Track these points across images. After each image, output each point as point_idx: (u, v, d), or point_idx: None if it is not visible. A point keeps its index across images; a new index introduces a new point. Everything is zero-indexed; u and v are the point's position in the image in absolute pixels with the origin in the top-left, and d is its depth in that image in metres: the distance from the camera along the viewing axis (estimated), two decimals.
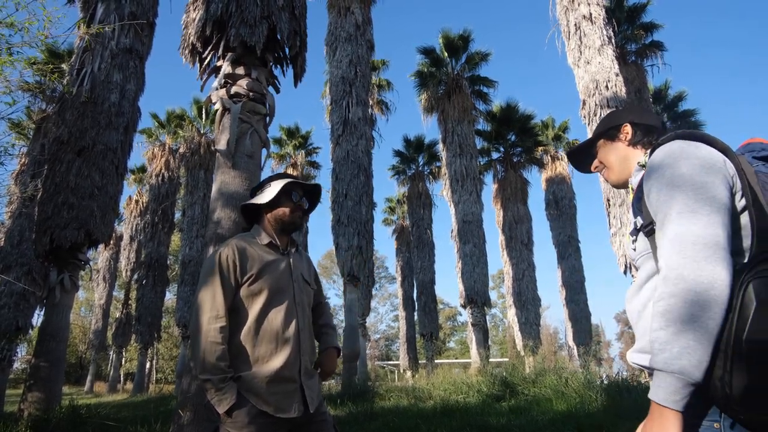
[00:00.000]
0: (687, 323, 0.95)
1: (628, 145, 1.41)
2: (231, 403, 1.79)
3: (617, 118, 1.46)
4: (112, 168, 8.03)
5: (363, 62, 13.64)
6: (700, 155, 1.10)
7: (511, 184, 19.88)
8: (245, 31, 4.66)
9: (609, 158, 1.45)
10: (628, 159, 1.41)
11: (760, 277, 0.96)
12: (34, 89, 10.39)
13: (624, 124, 1.42)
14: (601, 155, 1.49)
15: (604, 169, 1.49)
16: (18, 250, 11.55)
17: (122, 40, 8.40)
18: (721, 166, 1.09)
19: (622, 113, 1.47)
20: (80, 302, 36.67)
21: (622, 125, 1.42)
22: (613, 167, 1.44)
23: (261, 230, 2.10)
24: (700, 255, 0.98)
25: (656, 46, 16.29)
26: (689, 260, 0.98)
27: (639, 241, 1.24)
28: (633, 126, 1.41)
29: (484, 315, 15.81)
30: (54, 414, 5.73)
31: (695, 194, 1.04)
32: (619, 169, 1.43)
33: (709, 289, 0.95)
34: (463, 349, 39.53)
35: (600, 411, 5.96)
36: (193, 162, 18.83)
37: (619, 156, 1.42)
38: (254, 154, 4.53)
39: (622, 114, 1.47)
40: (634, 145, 1.40)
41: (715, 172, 1.07)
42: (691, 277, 0.96)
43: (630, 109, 1.49)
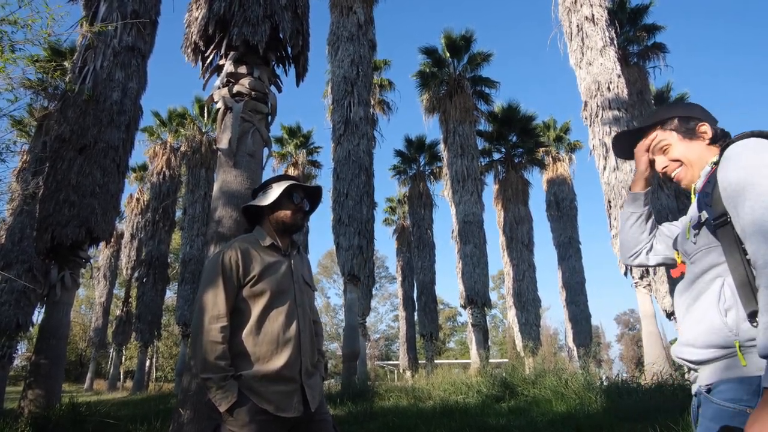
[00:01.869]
0: None
1: (708, 144, 1.38)
2: (232, 402, 1.80)
3: (686, 111, 1.43)
4: (114, 166, 8.04)
5: (365, 62, 13.64)
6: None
7: (512, 184, 19.88)
8: (248, 30, 4.66)
9: (691, 157, 1.39)
10: (705, 159, 1.37)
11: None
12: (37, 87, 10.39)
13: (702, 122, 1.40)
14: (677, 153, 1.42)
15: (681, 168, 1.42)
16: (19, 247, 11.57)
17: (124, 38, 8.41)
18: None
19: (693, 110, 1.44)
20: (81, 300, 36.72)
21: (698, 124, 1.40)
22: (694, 166, 1.39)
23: (263, 232, 2.12)
24: None
25: (658, 48, 16.28)
26: None
27: (702, 235, 1.24)
28: (710, 125, 1.39)
29: (484, 315, 15.81)
30: (54, 412, 5.74)
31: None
32: (698, 168, 1.38)
33: None
34: (463, 350, 39.54)
35: (599, 412, 5.95)
36: (195, 160, 18.85)
37: (701, 155, 1.38)
38: (256, 153, 4.54)
39: (694, 111, 1.43)
40: (713, 144, 1.38)
41: None
42: None
43: (695, 109, 1.45)
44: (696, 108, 1.45)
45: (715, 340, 1.16)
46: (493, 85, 18.89)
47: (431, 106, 18.33)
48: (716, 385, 1.17)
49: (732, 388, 1.12)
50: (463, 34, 18.15)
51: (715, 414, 1.14)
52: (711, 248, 1.21)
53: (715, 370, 1.17)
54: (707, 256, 1.22)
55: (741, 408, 1.09)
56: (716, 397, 1.14)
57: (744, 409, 1.08)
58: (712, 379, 1.18)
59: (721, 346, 1.15)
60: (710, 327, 1.17)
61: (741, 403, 1.09)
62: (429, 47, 18.54)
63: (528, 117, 20.05)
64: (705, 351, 1.18)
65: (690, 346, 1.21)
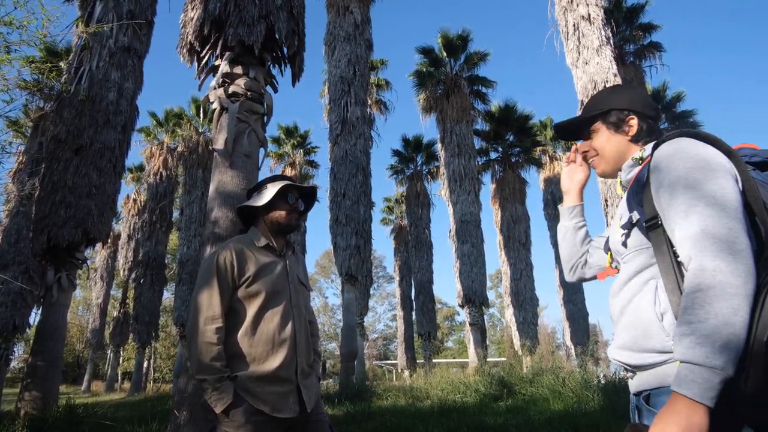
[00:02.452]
0: (729, 317, 0.93)
1: (630, 140, 1.36)
2: (228, 403, 1.81)
3: (622, 102, 1.37)
4: (110, 167, 8.02)
5: (362, 62, 13.63)
6: (710, 155, 1.10)
7: (509, 184, 19.90)
8: (243, 31, 4.66)
9: (606, 149, 1.39)
10: (624, 154, 1.36)
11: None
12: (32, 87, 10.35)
13: (631, 116, 1.35)
14: (597, 143, 1.42)
15: (596, 157, 1.43)
16: (15, 248, 11.54)
17: (120, 38, 8.39)
18: (729, 166, 1.09)
19: (629, 97, 1.39)
20: (78, 301, 36.61)
21: (629, 117, 1.36)
22: (608, 160, 1.40)
23: (258, 232, 2.12)
24: (729, 253, 0.97)
25: (654, 47, 16.33)
26: (721, 258, 0.97)
27: (633, 236, 1.22)
28: (639, 121, 1.35)
29: (481, 315, 15.83)
30: (51, 413, 5.72)
31: (712, 196, 1.04)
32: (614, 162, 1.38)
33: (744, 283, 0.95)
34: (461, 349, 39.57)
35: (597, 411, 5.97)
36: (191, 161, 18.81)
37: (619, 150, 1.37)
38: (252, 153, 4.53)
39: (629, 99, 1.38)
40: (636, 141, 1.35)
41: (725, 173, 1.07)
42: (727, 270, 0.96)
43: (635, 95, 1.40)
44: (636, 97, 1.39)
45: (652, 345, 1.13)
46: (489, 85, 18.92)
47: (428, 106, 18.33)
48: (656, 393, 1.13)
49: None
50: (459, 34, 18.18)
51: None
52: (642, 249, 1.19)
53: (654, 376, 1.14)
54: (639, 257, 1.20)
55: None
56: (658, 409, 1.06)
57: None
58: (652, 384, 1.14)
59: (658, 350, 1.12)
60: (647, 331, 1.14)
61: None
62: (426, 47, 18.56)
63: (525, 116, 20.07)
64: (643, 355, 1.15)
65: (628, 350, 1.18)
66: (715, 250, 0.98)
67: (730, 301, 0.93)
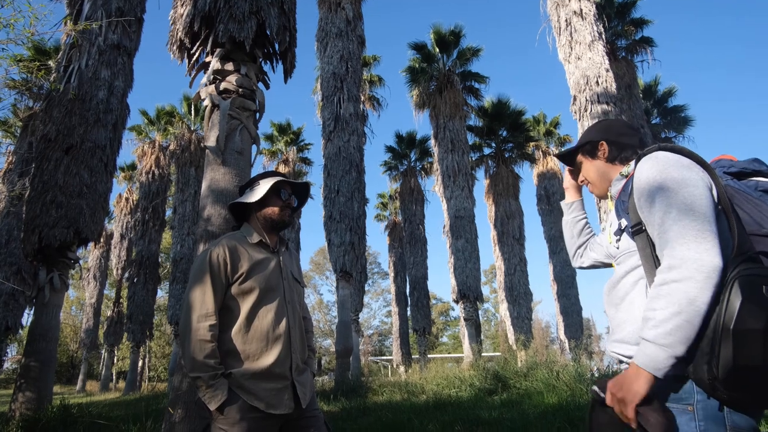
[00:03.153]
0: (686, 307, 1.10)
1: (606, 162, 1.54)
2: (222, 400, 1.81)
3: (595, 134, 1.58)
4: (101, 166, 7.95)
5: (354, 58, 13.59)
6: (684, 163, 1.23)
7: (503, 179, 19.96)
8: (234, 27, 4.62)
9: (590, 175, 1.60)
10: (607, 174, 1.55)
11: (742, 276, 1.10)
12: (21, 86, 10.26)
13: (601, 142, 1.54)
14: (583, 172, 1.63)
15: (588, 184, 1.64)
16: (6, 249, 11.45)
17: (110, 36, 8.31)
18: (701, 176, 1.21)
19: (601, 128, 1.59)
20: (71, 301, 36.40)
21: (599, 143, 1.55)
22: (595, 183, 1.59)
23: (251, 229, 2.11)
24: (701, 249, 1.11)
25: (646, 42, 16.40)
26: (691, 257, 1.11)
27: (623, 240, 1.37)
28: (609, 144, 1.53)
29: (476, 310, 15.89)
30: (45, 413, 5.69)
31: (683, 203, 1.16)
32: (600, 184, 1.58)
33: (706, 278, 1.10)
34: (456, 344, 39.72)
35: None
36: (184, 159, 18.70)
37: (599, 172, 1.56)
38: (244, 150, 4.51)
39: (601, 129, 1.58)
40: (612, 161, 1.53)
41: (694, 181, 1.19)
42: (693, 267, 1.10)
43: (609, 125, 1.59)
44: (606, 127, 1.59)
45: None
46: (482, 80, 18.93)
47: (421, 102, 18.32)
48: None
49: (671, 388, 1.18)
50: (452, 30, 18.16)
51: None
52: (632, 252, 1.33)
53: None
54: (630, 259, 1.34)
55: (683, 407, 1.16)
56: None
57: (686, 407, 1.15)
58: None
59: None
60: (641, 325, 1.24)
61: (682, 402, 1.16)
62: (418, 43, 18.54)
63: (518, 112, 20.12)
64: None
65: (624, 343, 1.30)
66: (682, 249, 1.12)
67: (687, 294, 1.09)
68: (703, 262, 1.09)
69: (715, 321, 1.09)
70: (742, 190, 1.25)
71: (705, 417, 1.13)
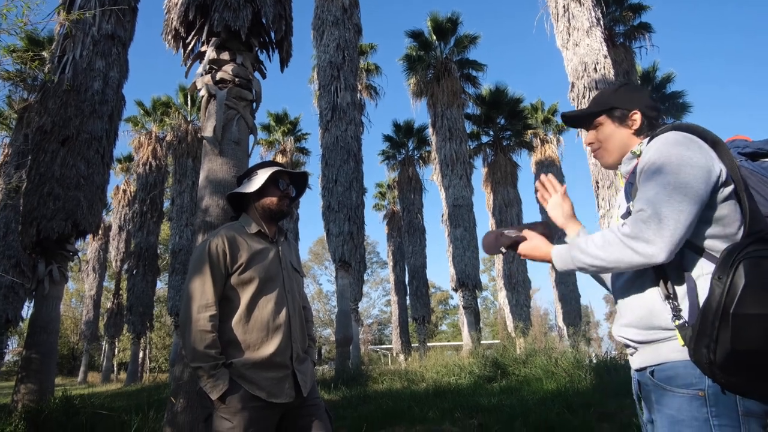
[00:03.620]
0: (611, 262, 1.22)
1: (633, 133, 1.44)
2: (223, 390, 1.82)
3: (628, 101, 1.45)
4: (98, 157, 7.90)
5: (351, 46, 13.48)
6: (689, 153, 1.20)
7: (501, 167, 19.92)
8: (229, 16, 4.57)
9: (611, 143, 1.47)
10: (627, 147, 1.44)
11: (750, 257, 1.07)
12: (15, 78, 10.16)
13: (635, 110, 1.43)
14: (601, 135, 1.49)
15: (600, 149, 1.50)
16: (5, 242, 11.43)
17: (104, 26, 8.21)
18: (702, 164, 1.19)
19: (634, 96, 1.47)
20: (71, 293, 36.46)
21: (632, 111, 1.43)
22: (612, 151, 1.47)
23: (249, 219, 2.11)
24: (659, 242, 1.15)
25: (644, 28, 16.27)
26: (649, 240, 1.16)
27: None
28: (642, 116, 1.43)
29: (475, 298, 15.95)
30: (47, 405, 5.72)
31: (677, 192, 1.17)
32: (616, 154, 1.47)
33: (640, 262, 1.18)
34: (455, 332, 39.95)
35: (589, 389, 6.07)
36: (181, 150, 18.61)
37: (622, 142, 1.45)
38: (241, 140, 4.49)
39: (634, 98, 1.46)
40: (638, 134, 1.43)
41: (692, 172, 1.18)
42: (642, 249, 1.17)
43: (642, 95, 1.48)
44: (636, 95, 1.48)
45: (657, 322, 1.23)
46: (480, 68, 18.82)
47: (419, 90, 18.21)
48: (659, 369, 1.23)
49: (680, 374, 1.18)
50: (449, 17, 18.00)
51: (672, 402, 1.19)
52: None
53: (657, 352, 1.24)
54: None
55: (693, 392, 1.15)
56: (670, 385, 1.20)
57: (696, 392, 1.15)
58: (655, 360, 1.24)
59: (662, 328, 1.22)
60: (652, 310, 1.25)
61: (692, 387, 1.16)
62: (415, 30, 18.37)
63: (516, 99, 20.02)
64: (648, 332, 1.26)
65: (633, 327, 1.29)
66: (648, 232, 1.16)
67: (621, 257, 1.20)
68: (652, 253, 1.14)
69: (717, 303, 1.07)
70: (756, 171, 1.24)
71: (716, 402, 1.12)
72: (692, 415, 1.14)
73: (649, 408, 1.30)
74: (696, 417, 1.13)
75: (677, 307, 1.19)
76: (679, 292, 1.21)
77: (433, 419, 5.19)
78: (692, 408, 1.14)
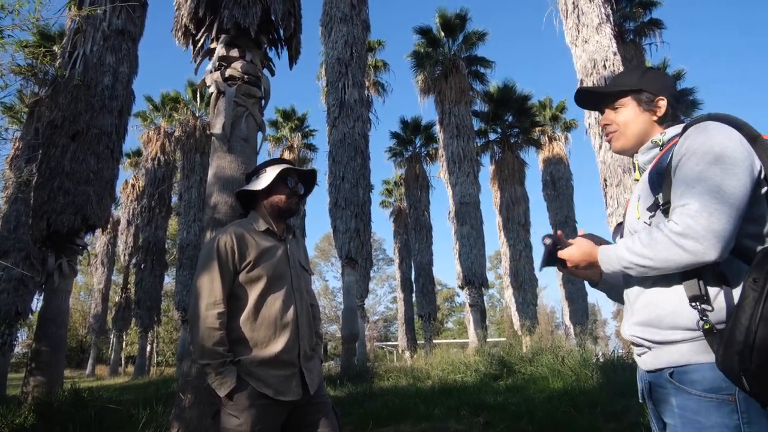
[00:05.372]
0: (659, 261, 1.15)
1: (656, 121, 1.37)
2: (231, 387, 1.83)
3: (655, 85, 1.38)
4: (107, 152, 7.97)
5: (359, 43, 13.46)
6: (731, 148, 1.15)
7: (509, 165, 19.83)
8: (238, 12, 4.58)
9: (630, 126, 1.39)
10: (647, 134, 1.37)
11: None
12: (26, 72, 10.23)
13: (662, 97, 1.37)
14: (622, 117, 1.40)
15: (615, 132, 1.42)
16: (15, 235, 11.53)
17: (114, 21, 8.26)
18: (745, 157, 1.13)
19: (662, 82, 1.40)
20: (79, 287, 36.77)
21: (659, 97, 1.37)
22: (629, 136, 1.40)
23: (258, 217, 2.11)
24: (711, 237, 1.09)
25: (655, 24, 16.10)
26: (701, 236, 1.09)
27: (656, 216, 1.26)
28: (668, 105, 1.37)
29: (481, 296, 15.92)
30: (56, 397, 5.78)
31: (724, 186, 1.11)
32: (635, 139, 1.39)
33: (691, 261, 1.12)
34: (461, 330, 39.91)
35: (596, 388, 6.05)
36: (189, 145, 18.70)
37: (643, 128, 1.38)
38: (250, 137, 4.50)
39: (662, 83, 1.39)
40: (661, 123, 1.37)
41: (741, 168, 1.12)
42: (692, 246, 1.10)
43: (668, 82, 1.42)
44: (665, 80, 1.42)
45: (682, 322, 1.17)
46: (488, 65, 18.71)
47: (426, 87, 18.15)
48: (681, 371, 1.17)
49: (707, 377, 1.12)
50: (457, 13, 17.91)
51: (698, 407, 1.13)
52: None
53: (679, 353, 1.17)
54: None
55: (723, 397, 1.10)
56: (695, 389, 1.14)
57: (726, 398, 1.09)
58: (678, 361, 1.17)
59: (686, 328, 1.16)
60: (675, 309, 1.18)
61: (721, 392, 1.10)
62: (423, 27, 18.30)
63: (524, 97, 19.91)
64: (668, 332, 1.19)
65: (652, 327, 1.23)
66: (699, 226, 1.09)
67: (668, 256, 1.13)
68: (704, 251, 1.08)
69: (751, 307, 1.01)
70: None
71: (747, 408, 1.07)
72: (721, 422, 1.09)
73: (661, 411, 1.24)
74: (726, 424, 1.08)
75: (705, 310, 1.13)
76: (711, 293, 1.14)
77: (439, 417, 5.20)
78: (722, 414, 1.09)
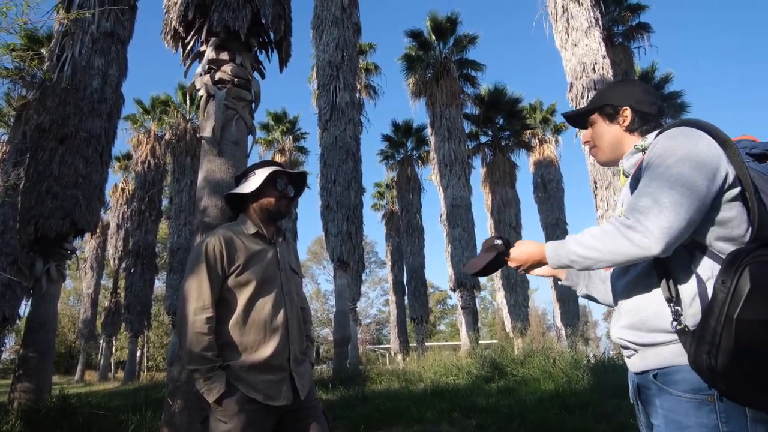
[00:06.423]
0: (606, 253, 1.18)
1: (625, 130, 1.42)
2: (220, 392, 1.81)
3: (618, 97, 1.44)
4: (96, 155, 7.89)
5: (350, 46, 13.47)
6: (701, 151, 1.16)
7: (500, 167, 19.92)
8: (228, 16, 4.57)
9: (603, 139, 1.46)
10: (621, 143, 1.42)
11: (756, 262, 1.03)
12: (14, 75, 10.12)
13: (624, 107, 1.41)
14: (594, 133, 1.49)
15: (594, 147, 1.50)
16: (2, 240, 11.40)
17: (103, 24, 8.20)
18: (710, 160, 1.15)
19: (625, 92, 1.44)
20: (68, 292, 36.36)
21: (622, 108, 1.41)
22: (604, 149, 1.47)
23: (247, 220, 2.09)
24: (657, 233, 1.11)
25: (643, 28, 16.28)
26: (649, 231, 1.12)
27: None
28: (633, 112, 1.40)
29: (473, 298, 15.96)
30: (44, 403, 5.71)
31: (680, 185, 1.13)
32: (609, 151, 1.46)
33: (636, 254, 1.15)
34: (453, 332, 39.94)
35: (586, 390, 6.08)
36: (180, 148, 18.58)
37: (614, 139, 1.44)
38: (240, 141, 4.48)
39: (625, 93, 1.44)
40: (631, 131, 1.41)
41: (700, 166, 1.14)
42: (639, 239, 1.13)
43: (633, 90, 1.45)
44: (631, 92, 1.45)
45: (661, 325, 1.19)
46: (479, 68, 18.82)
47: (417, 90, 18.21)
48: (663, 373, 1.19)
49: (688, 378, 1.14)
50: (448, 16, 18.00)
51: (679, 407, 1.15)
52: None
53: (661, 356, 1.20)
54: None
55: (702, 398, 1.12)
56: (677, 389, 1.16)
57: (705, 398, 1.11)
58: (660, 363, 1.20)
59: (666, 330, 1.18)
60: (655, 312, 1.21)
61: (701, 392, 1.12)
62: (414, 30, 18.37)
63: (514, 99, 20.02)
64: (651, 335, 1.22)
65: (635, 329, 1.25)
66: (648, 222, 1.12)
67: (616, 249, 1.16)
68: (648, 245, 1.11)
69: (719, 307, 1.03)
70: (764, 174, 1.19)
71: (726, 408, 1.09)
72: (701, 422, 1.11)
73: (648, 412, 1.27)
74: (705, 423, 1.10)
75: (678, 311, 1.15)
76: (684, 295, 1.16)
77: (431, 419, 5.19)
78: (701, 414, 1.11)
